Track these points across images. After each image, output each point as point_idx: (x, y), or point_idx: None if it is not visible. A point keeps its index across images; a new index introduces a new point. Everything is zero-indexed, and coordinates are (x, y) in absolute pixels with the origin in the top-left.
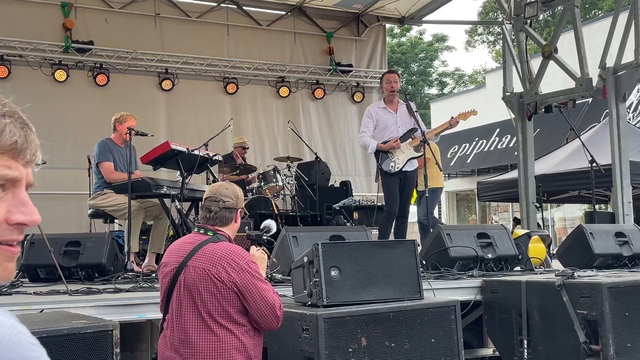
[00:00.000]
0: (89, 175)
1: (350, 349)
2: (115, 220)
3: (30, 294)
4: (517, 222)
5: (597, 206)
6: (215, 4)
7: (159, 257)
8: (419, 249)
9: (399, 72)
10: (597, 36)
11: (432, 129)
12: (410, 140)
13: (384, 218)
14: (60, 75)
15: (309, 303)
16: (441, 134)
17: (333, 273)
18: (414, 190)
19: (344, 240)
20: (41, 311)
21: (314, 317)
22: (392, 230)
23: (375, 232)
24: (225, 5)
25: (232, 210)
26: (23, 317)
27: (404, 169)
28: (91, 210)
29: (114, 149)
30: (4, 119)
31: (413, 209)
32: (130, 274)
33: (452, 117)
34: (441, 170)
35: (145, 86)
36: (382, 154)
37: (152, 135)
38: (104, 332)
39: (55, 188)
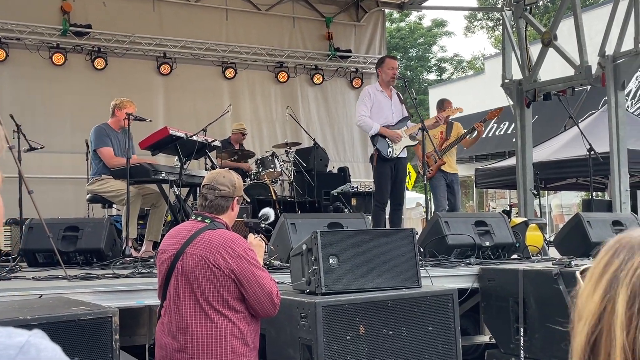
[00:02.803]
0: (87, 160)
1: (348, 337)
2: (113, 205)
3: (29, 279)
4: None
5: (594, 194)
6: None
7: (155, 245)
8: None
9: (398, 57)
10: (597, 23)
11: (410, 127)
12: (405, 128)
13: (376, 206)
14: (58, 58)
15: (308, 291)
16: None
17: (332, 261)
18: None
19: (343, 228)
20: (40, 297)
21: (312, 305)
22: (387, 217)
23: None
24: None
25: (228, 198)
26: (22, 302)
27: (399, 156)
28: (89, 195)
29: (111, 134)
30: None
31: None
32: (128, 259)
33: (436, 116)
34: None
35: (144, 70)
36: (380, 138)
37: (150, 120)
38: (103, 319)
39: (53, 172)
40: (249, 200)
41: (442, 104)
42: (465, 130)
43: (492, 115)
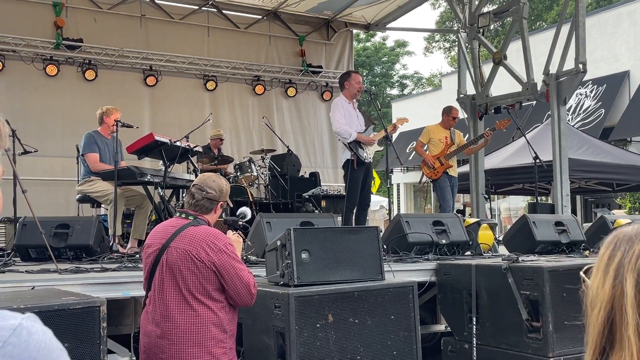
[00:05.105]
0: (77, 163)
1: (318, 325)
2: (102, 205)
3: (22, 272)
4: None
5: (538, 198)
6: (196, 7)
7: (140, 243)
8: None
9: (364, 73)
10: (542, 45)
11: (375, 134)
12: (373, 134)
13: (347, 208)
14: (52, 70)
15: (281, 283)
16: (394, 133)
17: (304, 256)
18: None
19: (314, 226)
20: (32, 288)
21: (285, 296)
22: (354, 217)
23: (340, 219)
24: (206, 8)
25: (213, 201)
26: (16, 293)
27: (368, 161)
28: (79, 195)
29: (101, 140)
30: None
31: (374, 198)
32: (115, 254)
33: (394, 124)
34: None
35: (131, 82)
36: (357, 145)
37: (137, 127)
38: (92, 308)
39: (46, 175)
40: (232, 206)
41: (450, 111)
42: (475, 137)
43: (501, 125)
